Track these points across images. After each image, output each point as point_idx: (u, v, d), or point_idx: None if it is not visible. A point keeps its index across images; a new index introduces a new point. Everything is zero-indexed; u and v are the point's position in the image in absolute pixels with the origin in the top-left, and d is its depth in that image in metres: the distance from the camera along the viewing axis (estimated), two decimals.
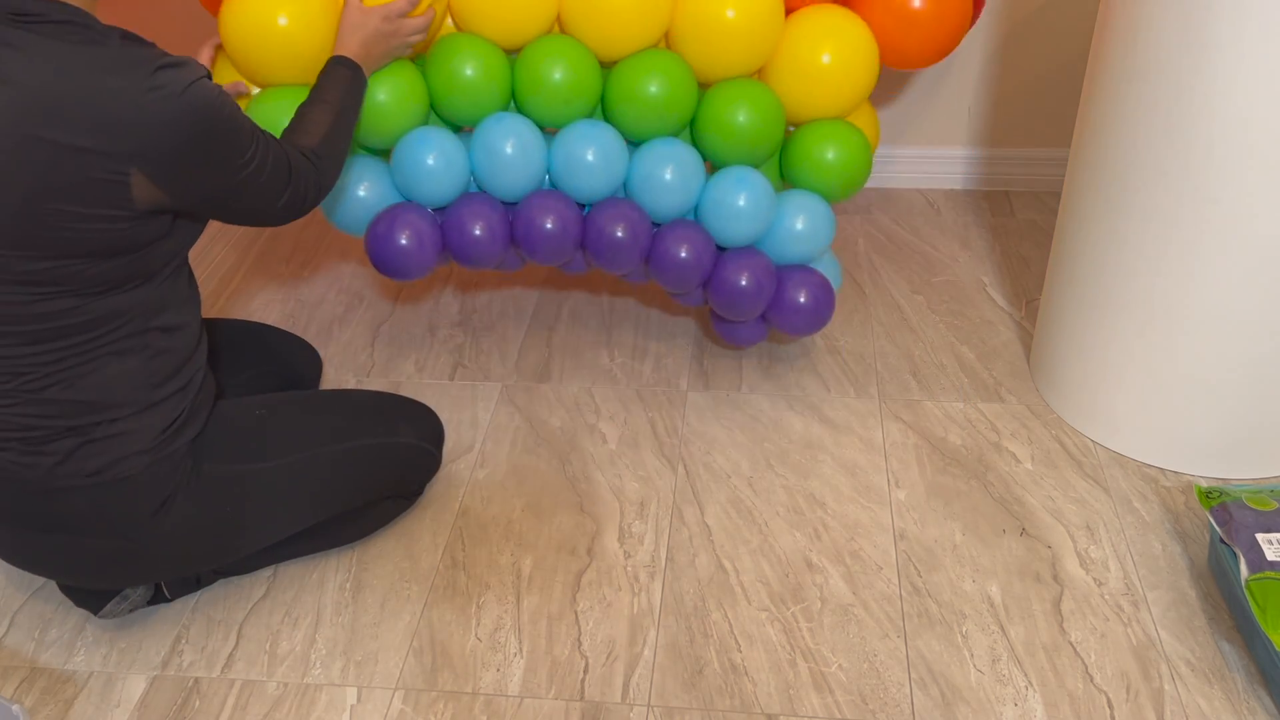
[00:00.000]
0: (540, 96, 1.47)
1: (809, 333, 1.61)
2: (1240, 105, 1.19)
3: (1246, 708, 1.18)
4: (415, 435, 1.40)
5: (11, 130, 0.95)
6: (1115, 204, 1.37)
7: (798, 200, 1.55)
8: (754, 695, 1.22)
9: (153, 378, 1.14)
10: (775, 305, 1.57)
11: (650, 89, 1.45)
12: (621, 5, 1.43)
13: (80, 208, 0.98)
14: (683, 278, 1.54)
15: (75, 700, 1.26)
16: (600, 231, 1.51)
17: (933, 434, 1.59)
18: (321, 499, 1.31)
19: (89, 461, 1.12)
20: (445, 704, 1.23)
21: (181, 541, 1.21)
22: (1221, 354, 1.36)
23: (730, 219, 1.51)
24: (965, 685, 1.22)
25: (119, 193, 0.99)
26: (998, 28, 2.04)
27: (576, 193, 1.52)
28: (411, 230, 1.51)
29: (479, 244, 1.52)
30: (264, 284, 2.03)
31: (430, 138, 1.48)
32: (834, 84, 1.50)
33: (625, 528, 1.45)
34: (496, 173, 1.49)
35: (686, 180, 1.50)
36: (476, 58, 1.45)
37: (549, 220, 1.50)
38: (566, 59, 1.46)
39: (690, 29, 1.46)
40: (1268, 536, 1.22)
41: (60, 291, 1.03)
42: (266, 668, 1.29)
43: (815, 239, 1.56)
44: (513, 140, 1.47)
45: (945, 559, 1.38)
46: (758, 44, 1.47)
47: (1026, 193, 2.22)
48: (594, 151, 1.48)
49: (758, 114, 1.48)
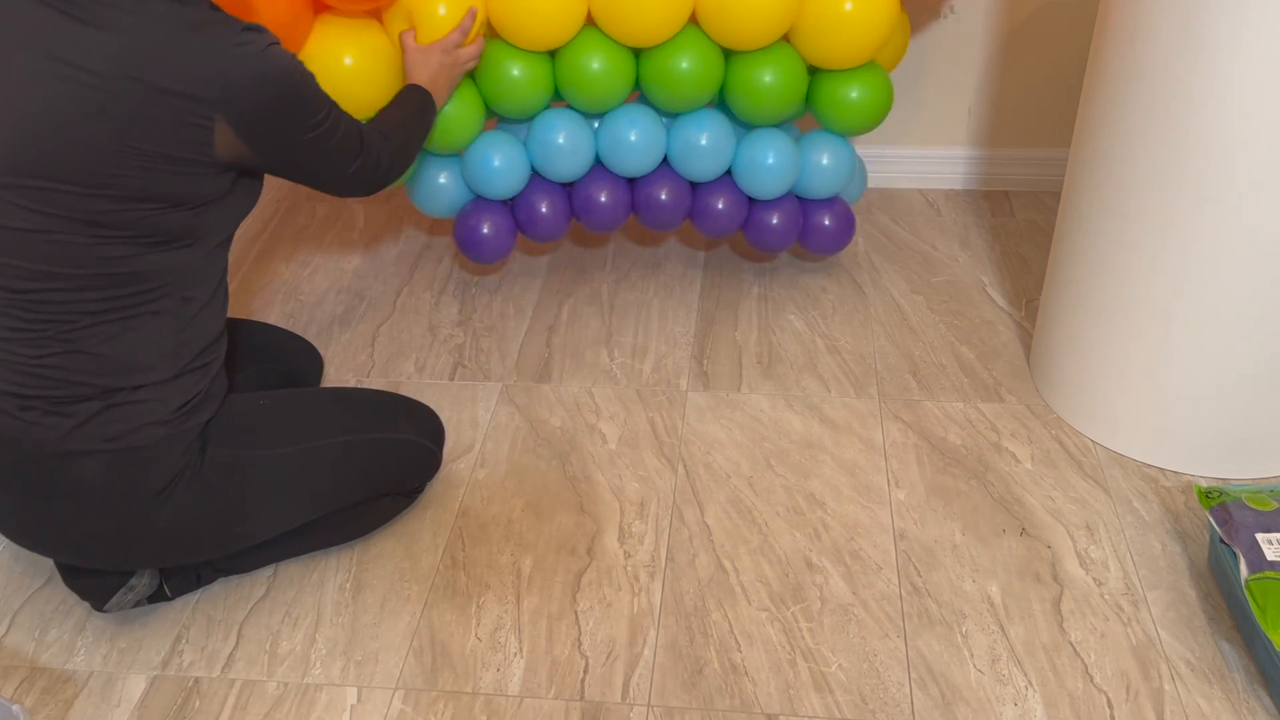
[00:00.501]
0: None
1: (833, 253, 1.91)
2: (1240, 105, 1.19)
3: (1246, 708, 1.18)
4: (416, 432, 1.41)
5: (113, 72, 1.03)
6: (1115, 204, 1.37)
7: (821, 140, 1.77)
8: (754, 695, 1.22)
9: (182, 348, 1.18)
10: (804, 232, 1.86)
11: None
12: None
13: (165, 149, 1.06)
14: (720, 229, 1.82)
15: (75, 700, 1.26)
16: (649, 198, 1.79)
17: (933, 434, 1.59)
18: (322, 491, 1.32)
19: (109, 426, 1.14)
20: (445, 704, 1.23)
21: (183, 524, 1.21)
22: (1221, 354, 1.36)
23: (761, 175, 1.74)
24: (965, 685, 1.22)
25: (203, 138, 1.08)
26: (998, 28, 2.04)
27: (623, 169, 1.76)
28: (491, 222, 1.79)
29: (546, 220, 1.79)
30: (264, 284, 2.03)
31: (494, 141, 1.72)
32: (856, 34, 1.60)
33: (625, 528, 1.45)
34: (552, 159, 1.72)
35: (720, 145, 1.72)
36: (522, 61, 1.64)
37: (603, 194, 1.77)
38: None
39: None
40: (1267, 536, 1.22)
41: (122, 237, 1.09)
42: (266, 668, 1.29)
43: (838, 174, 1.78)
44: (564, 132, 1.70)
45: (945, 559, 1.38)
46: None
47: (1026, 193, 2.22)
48: (636, 132, 1.70)
49: (783, 76, 1.65)
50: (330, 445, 1.31)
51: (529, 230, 1.81)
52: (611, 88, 1.66)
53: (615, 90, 1.67)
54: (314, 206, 2.29)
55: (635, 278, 1.99)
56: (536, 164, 1.75)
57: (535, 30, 1.57)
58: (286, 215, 2.26)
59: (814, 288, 1.94)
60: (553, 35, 1.59)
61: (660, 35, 1.59)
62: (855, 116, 1.72)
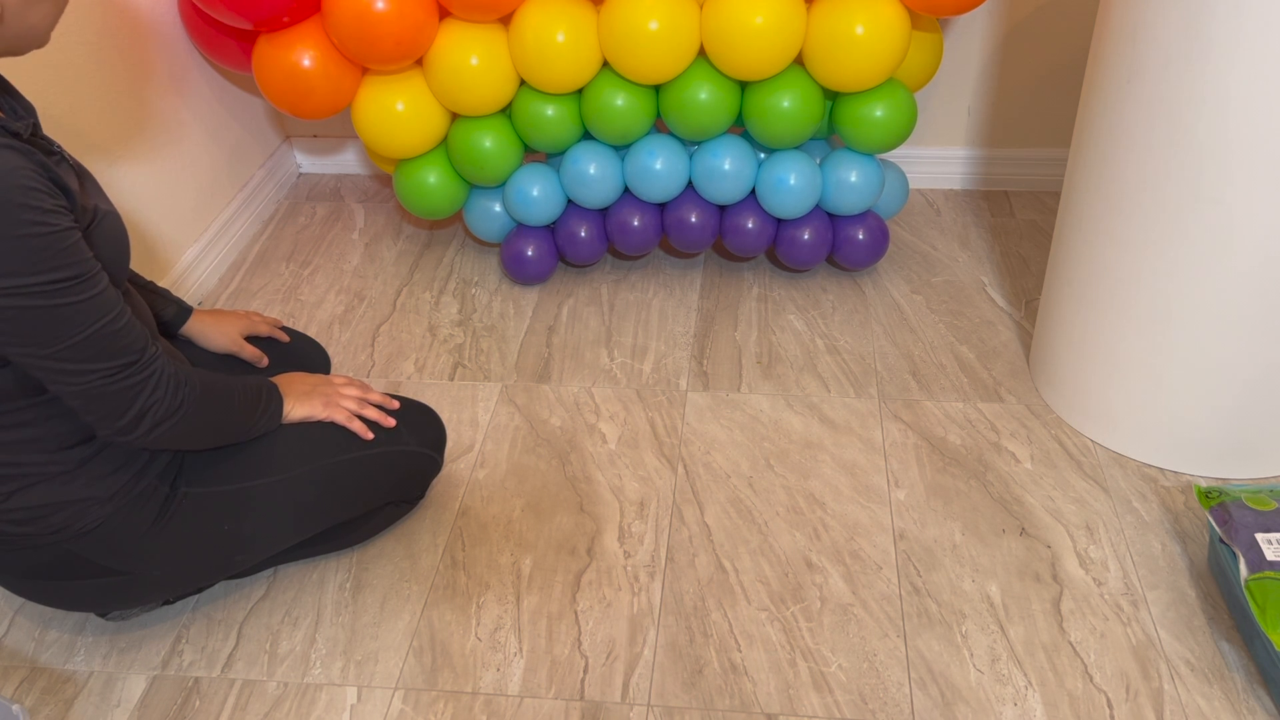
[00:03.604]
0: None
1: (868, 265, 1.92)
2: (1240, 105, 1.19)
3: (1246, 708, 1.18)
4: (418, 442, 1.37)
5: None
6: (1115, 204, 1.37)
7: (849, 158, 1.80)
8: (754, 695, 1.22)
9: (67, 441, 1.10)
10: (836, 245, 1.89)
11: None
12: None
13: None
14: (750, 247, 1.87)
15: (75, 700, 1.26)
16: (678, 220, 1.86)
17: (932, 434, 1.59)
18: (323, 510, 1.29)
19: (46, 521, 1.11)
20: (445, 704, 1.23)
21: (176, 562, 1.20)
22: (1221, 354, 1.36)
23: (784, 196, 1.78)
24: (965, 685, 1.22)
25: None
26: (998, 28, 2.04)
27: (650, 195, 1.83)
28: (534, 246, 1.92)
29: (584, 244, 1.90)
30: (264, 284, 2.03)
31: (532, 173, 1.84)
32: (870, 56, 1.62)
33: (625, 528, 1.45)
34: (584, 188, 1.82)
35: (741, 169, 1.78)
36: (553, 103, 1.76)
37: (635, 219, 1.86)
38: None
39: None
40: (1267, 536, 1.22)
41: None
42: (266, 667, 1.29)
43: (867, 191, 1.80)
44: (594, 163, 1.80)
45: (945, 559, 1.38)
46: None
47: (1026, 193, 2.21)
48: (661, 160, 1.78)
49: (799, 100, 1.69)
50: (329, 465, 1.26)
51: (568, 253, 1.92)
52: (634, 122, 1.74)
53: (638, 123, 1.75)
54: (314, 207, 2.29)
55: (635, 278, 1.99)
56: (570, 193, 1.85)
57: (558, 76, 1.68)
58: (286, 215, 2.26)
59: (814, 288, 1.94)
60: (572, 80, 1.69)
61: (668, 74, 1.66)
62: (878, 135, 1.74)
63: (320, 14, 1.67)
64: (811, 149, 1.86)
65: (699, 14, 1.62)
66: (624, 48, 1.62)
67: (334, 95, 1.72)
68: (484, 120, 1.79)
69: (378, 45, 1.60)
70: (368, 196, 2.32)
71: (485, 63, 1.68)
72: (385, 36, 1.59)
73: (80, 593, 1.19)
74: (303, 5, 1.64)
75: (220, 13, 1.63)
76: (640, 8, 1.59)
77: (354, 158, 2.39)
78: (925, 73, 1.78)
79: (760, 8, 1.56)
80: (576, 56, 1.65)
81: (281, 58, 1.68)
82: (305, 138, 2.38)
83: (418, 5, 1.60)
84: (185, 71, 1.96)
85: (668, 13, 1.59)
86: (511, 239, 1.94)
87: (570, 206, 1.91)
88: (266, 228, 2.21)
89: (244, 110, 2.19)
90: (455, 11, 1.65)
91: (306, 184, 2.38)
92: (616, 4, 1.61)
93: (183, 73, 1.95)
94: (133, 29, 1.79)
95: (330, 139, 2.37)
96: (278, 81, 1.70)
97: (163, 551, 1.18)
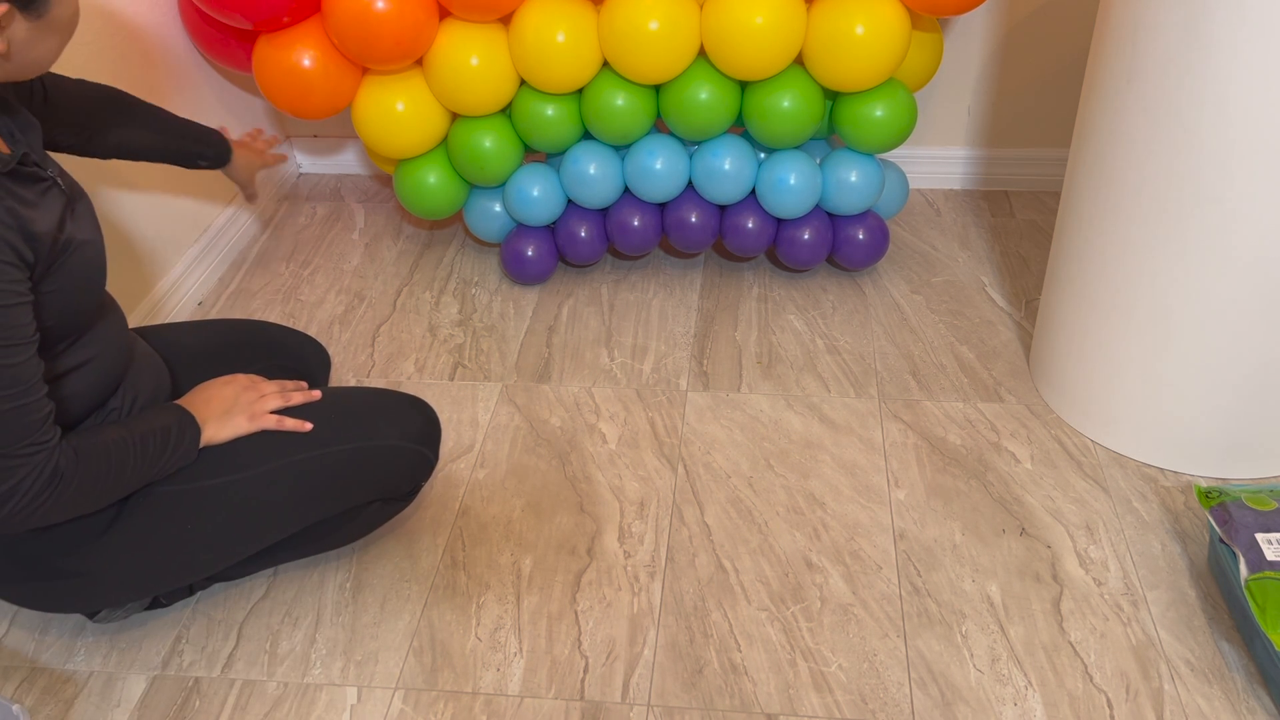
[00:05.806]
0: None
1: (868, 265, 1.92)
2: (1240, 105, 1.19)
3: (1246, 708, 1.18)
4: (398, 435, 1.29)
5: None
6: (1115, 204, 1.37)
7: (849, 157, 1.80)
8: (754, 695, 1.22)
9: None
10: (836, 245, 1.89)
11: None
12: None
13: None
14: (750, 247, 1.87)
15: (75, 700, 1.26)
16: (678, 220, 1.87)
17: (932, 434, 1.59)
18: (296, 510, 1.24)
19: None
20: (445, 704, 1.23)
21: (136, 562, 1.17)
22: (1221, 354, 1.36)
23: (784, 196, 1.78)
24: (965, 685, 1.22)
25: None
26: (998, 28, 2.04)
27: (650, 195, 1.83)
28: (534, 246, 1.92)
29: (584, 244, 1.90)
30: (264, 284, 2.03)
31: (532, 173, 1.85)
32: (869, 57, 1.63)
33: (625, 528, 1.45)
34: (584, 188, 1.83)
35: (741, 169, 1.78)
36: (554, 103, 1.76)
37: (635, 219, 1.87)
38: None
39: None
40: (1267, 536, 1.22)
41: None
42: (266, 667, 1.29)
43: (867, 191, 1.80)
44: (594, 163, 1.80)
45: (945, 559, 1.38)
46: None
47: (1026, 193, 2.22)
48: (661, 161, 1.78)
49: (799, 100, 1.69)
50: (298, 461, 1.21)
51: (569, 253, 1.92)
52: (634, 122, 1.74)
53: (638, 123, 1.75)
54: (314, 207, 2.29)
55: (635, 278, 1.99)
56: (570, 193, 1.85)
57: (558, 76, 1.68)
58: (286, 215, 2.26)
59: (814, 288, 1.94)
60: (573, 80, 1.69)
61: (668, 74, 1.67)
62: (878, 135, 1.74)
63: (320, 14, 1.68)
64: (811, 149, 1.86)
65: (699, 14, 1.63)
66: (624, 48, 1.62)
67: (334, 95, 1.72)
68: (484, 120, 1.79)
69: (378, 45, 1.60)
70: (368, 196, 2.32)
71: (485, 63, 1.68)
72: (385, 36, 1.59)
73: (44, 594, 1.17)
74: (303, 5, 1.64)
75: (220, 13, 1.63)
76: (640, 8, 1.59)
77: (354, 158, 2.39)
78: (925, 73, 1.77)
79: (760, 8, 1.56)
80: (576, 56, 1.65)
81: (281, 58, 1.68)
82: (305, 138, 2.38)
83: (418, 5, 1.60)
84: (185, 71, 1.96)
85: (668, 13, 1.59)
86: (511, 239, 1.94)
87: (570, 206, 1.91)
88: (266, 228, 2.21)
89: (244, 110, 2.19)
90: (455, 11, 1.65)
91: (306, 184, 2.38)
92: (616, 4, 1.61)
93: (183, 73, 1.95)
94: (133, 29, 1.79)
95: (330, 139, 2.37)
96: (278, 81, 1.70)
97: (121, 551, 1.15)
